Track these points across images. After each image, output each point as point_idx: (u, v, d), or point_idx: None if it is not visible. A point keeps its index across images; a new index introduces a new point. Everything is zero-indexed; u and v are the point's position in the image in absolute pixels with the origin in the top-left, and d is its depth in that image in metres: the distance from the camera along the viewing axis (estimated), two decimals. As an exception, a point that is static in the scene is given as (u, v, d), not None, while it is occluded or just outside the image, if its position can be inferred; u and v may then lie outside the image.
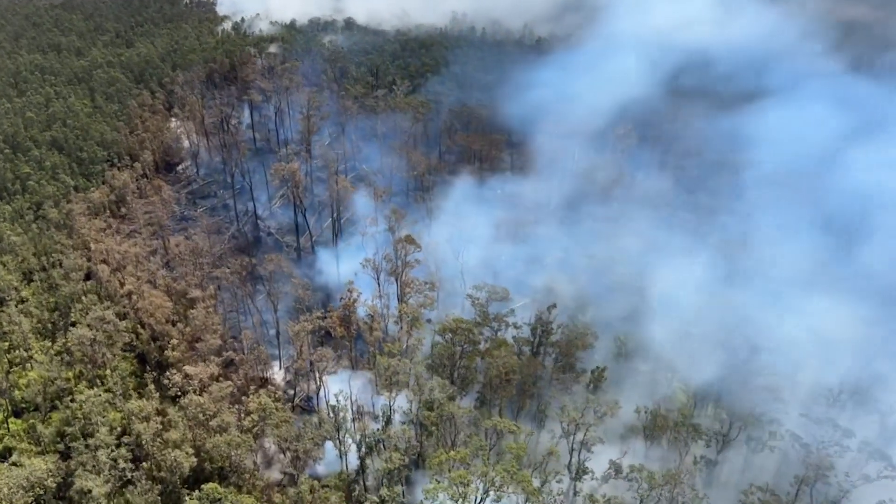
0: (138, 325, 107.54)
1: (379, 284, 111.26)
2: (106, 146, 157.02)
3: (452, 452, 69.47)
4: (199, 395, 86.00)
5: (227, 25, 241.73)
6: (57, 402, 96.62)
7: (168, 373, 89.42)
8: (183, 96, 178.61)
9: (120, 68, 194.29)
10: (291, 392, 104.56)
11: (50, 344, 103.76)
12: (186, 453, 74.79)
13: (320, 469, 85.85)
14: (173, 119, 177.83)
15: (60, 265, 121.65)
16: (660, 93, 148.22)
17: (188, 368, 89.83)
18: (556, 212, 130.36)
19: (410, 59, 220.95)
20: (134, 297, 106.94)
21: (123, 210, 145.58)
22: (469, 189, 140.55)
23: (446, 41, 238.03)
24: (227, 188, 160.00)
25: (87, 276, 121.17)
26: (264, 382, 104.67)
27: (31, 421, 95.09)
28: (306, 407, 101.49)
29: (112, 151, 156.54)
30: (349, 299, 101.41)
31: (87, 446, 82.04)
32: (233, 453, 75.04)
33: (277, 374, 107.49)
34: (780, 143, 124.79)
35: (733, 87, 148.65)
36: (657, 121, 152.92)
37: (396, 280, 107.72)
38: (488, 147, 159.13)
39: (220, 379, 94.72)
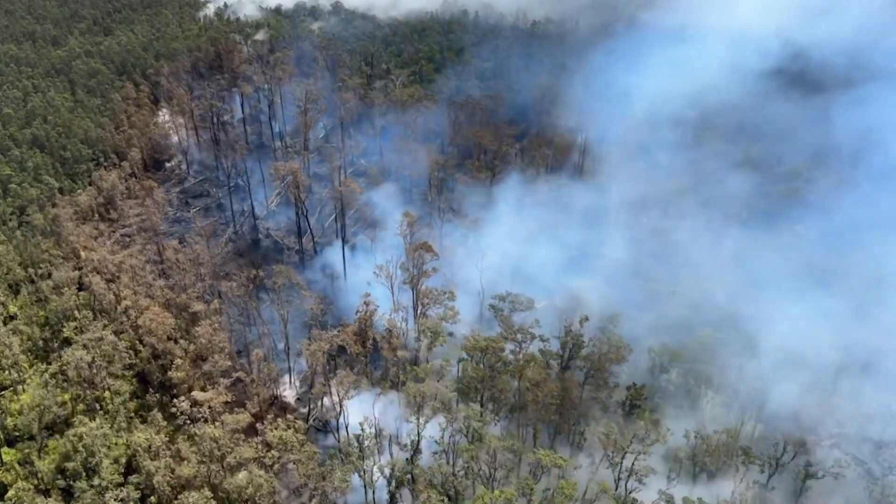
0: (137, 342, 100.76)
1: (393, 294, 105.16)
2: (90, 144, 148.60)
3: (497, 492, 63.96)
4: (211, 423, 79.71)
5: (210, 11, 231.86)
6: (53, 429, 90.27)
7: (175, 400, 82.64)
8: (169, 89, 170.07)
9: (100, 59, 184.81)
10: (304, 410, 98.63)
11: (43, 366, 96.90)
12: (206, 497, 68.41)
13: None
14: (161, 113, 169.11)
15: (49, 276, 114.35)
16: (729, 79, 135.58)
17: (197, 395, 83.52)
18: (586, 211, 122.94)
19: (403, 46, 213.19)
20: (132, 313, 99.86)
21: (113, 213, 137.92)
22: (486, 188, 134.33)
23: (438, 26, 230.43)
24: (221, 186, 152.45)
25: (80, 287, 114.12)
26: (275, 400, 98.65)
27: (27, 451, 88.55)
28: (321, 427, 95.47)
29: (97, 149, 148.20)
30: (365, 312, 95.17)
31: (91, 485, 75.60)
32: (256, 495, 68.92)
33: (288, 392, 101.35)
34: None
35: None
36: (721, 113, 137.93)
37: (412, 289, 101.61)
38: (511, 143, 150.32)
39: (232, 403, 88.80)
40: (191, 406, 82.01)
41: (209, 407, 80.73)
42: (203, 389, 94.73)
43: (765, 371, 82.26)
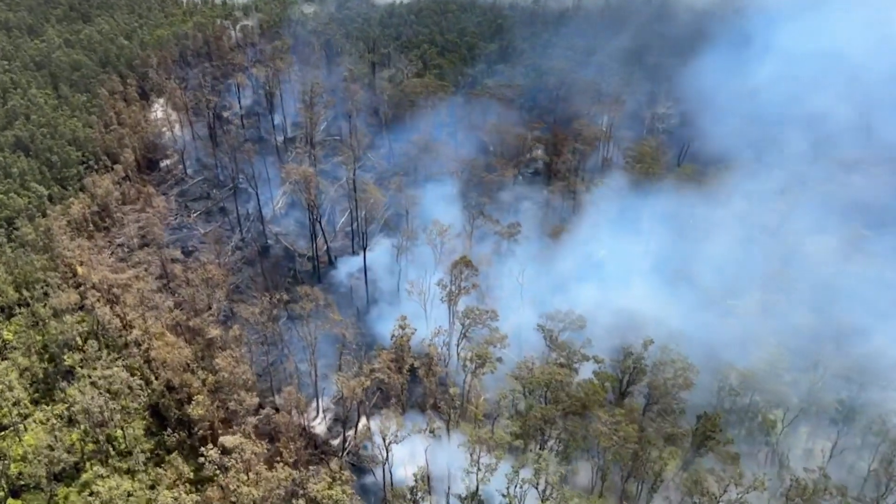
0: (150, 373, 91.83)
1: (425, 310, 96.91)
2: (79, 145, 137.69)
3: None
4: (245, 474, 71.33)
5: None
6: (62, 476, 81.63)
7: (203, 448, 73.92)
8: (159, 82, 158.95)
9: (81, 49, 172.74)
10: (336, 441, 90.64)
11: (48, 406, 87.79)
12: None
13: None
14: (153, 109, 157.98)
15: (46, 296, 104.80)
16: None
17: (226, 440, 74.89)
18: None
19: (402, 28, 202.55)
20: (144, 342, 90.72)
21: (108, 221, 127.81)
22: (521, 189, 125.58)
23: (435, 5, 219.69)
24: (221, 186, 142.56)
25: (80, 306, 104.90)
26: (303, 431, 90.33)
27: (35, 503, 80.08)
28: (357, 463, 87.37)
29: (87, 151, 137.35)
30: (402, 337, 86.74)
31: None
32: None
33: (317, 424, 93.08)
34: None
35: None
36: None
37: (449, 307, 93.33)
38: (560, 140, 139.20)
39: (259, 436, 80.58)
40: (220, 453, 73.47)
41: (241, 457, 72.08)
42: (226, 425, 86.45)
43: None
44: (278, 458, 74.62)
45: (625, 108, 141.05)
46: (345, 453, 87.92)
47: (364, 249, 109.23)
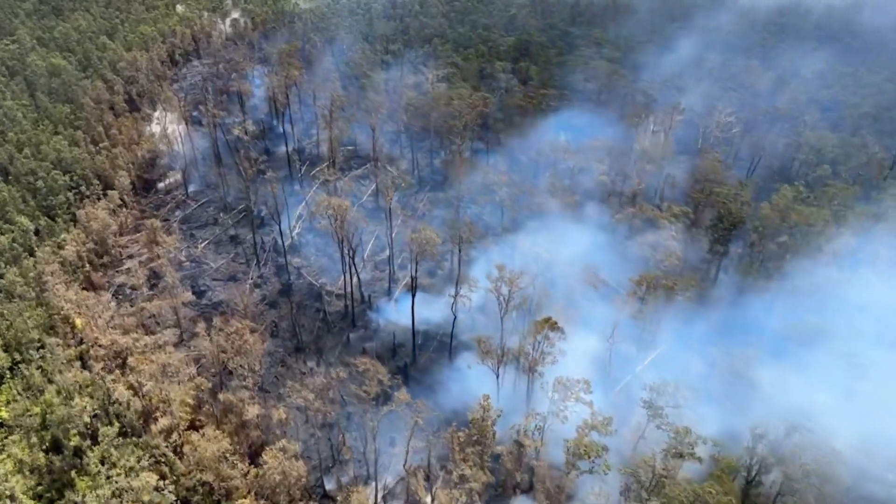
0: (177, 461, 77.05)
1: (498, 377, 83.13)
2: (65, 168, 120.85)
3: None
4: None
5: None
6: None
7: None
8: (151, 89, 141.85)
9: (56, 49, 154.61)
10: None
11: (58, 513, 72.74)
12: None
13: None
14: (148, 122, 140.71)
15: (43, 359, 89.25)
16: None
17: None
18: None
19: (409, 20, 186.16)
20: (174, 434, 75.82)
21: (106, 258, 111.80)
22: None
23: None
24: (228, 210, 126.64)
25: (82, 364, 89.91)
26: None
27: None
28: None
29: (75, 175, 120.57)
30: (483, 418, 72.91)
31: None
32: None
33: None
34: None
35: None
36: None
37: (529, 375, 79.71)
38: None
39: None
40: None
41: None
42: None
43: None
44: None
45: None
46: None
47: (413, 295, 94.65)
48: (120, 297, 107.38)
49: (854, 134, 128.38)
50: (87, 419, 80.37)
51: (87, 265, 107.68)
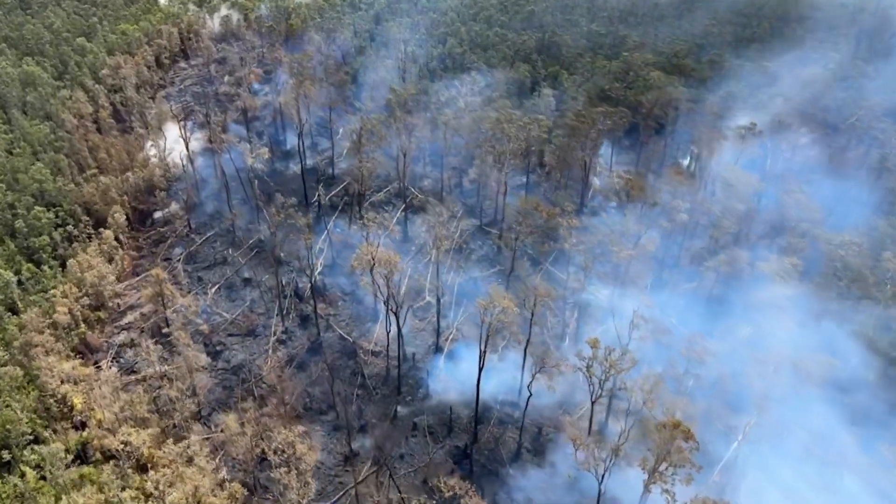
0: None
1: (599, 481, 69.48)
2: (49, 201, 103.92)
3: None
4: None
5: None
6: None
7: None
8: (140, 101, 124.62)
9: (27, 52, 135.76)
10: None
11: None
12: None
13: None
14: (138, 140, 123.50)
15: (34, 452, 73.74)
16: None
17: None
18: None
19: (416, 16, 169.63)
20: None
21: (102, 313, 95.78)
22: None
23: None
24: (238, 247, 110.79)
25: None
26: None
27: None
28: None
29: (62, 210, 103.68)
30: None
31: None
32: None
33: None
34: None
35: None
36: None
37: (645, 491, 66.32)
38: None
39: None
40: None
41: None
42: None
43: None
44: None
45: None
46: None
47: (480, 371, 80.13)
48: (121, 360, 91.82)
49: None
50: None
51: (82, 324, 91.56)
